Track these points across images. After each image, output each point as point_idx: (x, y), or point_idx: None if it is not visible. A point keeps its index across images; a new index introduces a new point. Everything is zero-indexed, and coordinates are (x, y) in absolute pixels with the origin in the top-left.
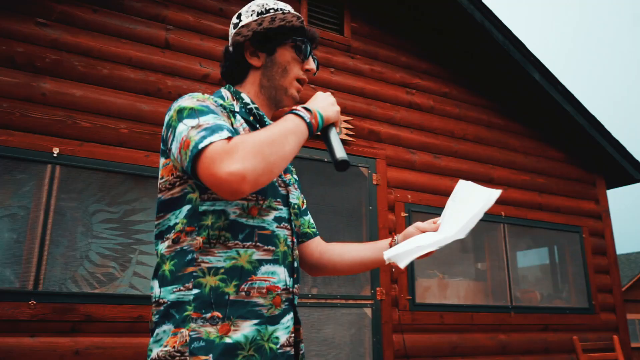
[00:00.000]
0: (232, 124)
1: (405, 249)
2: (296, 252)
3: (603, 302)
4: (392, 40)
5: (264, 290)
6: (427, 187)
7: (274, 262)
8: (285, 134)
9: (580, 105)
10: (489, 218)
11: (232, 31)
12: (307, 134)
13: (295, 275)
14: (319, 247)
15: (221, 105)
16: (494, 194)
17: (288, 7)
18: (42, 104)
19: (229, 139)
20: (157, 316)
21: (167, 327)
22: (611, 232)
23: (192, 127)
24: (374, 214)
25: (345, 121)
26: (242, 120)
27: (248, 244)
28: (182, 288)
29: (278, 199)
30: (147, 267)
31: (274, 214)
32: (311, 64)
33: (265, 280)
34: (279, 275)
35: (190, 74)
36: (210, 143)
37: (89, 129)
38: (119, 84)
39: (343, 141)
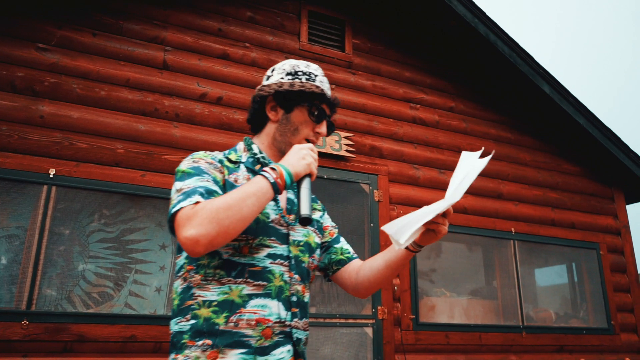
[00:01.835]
0: (223, 177)
1: (404, 222)
2: (297, 287)
3: (623, 322)
4: (395, 56)
5: (253, 322)
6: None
7: (265, 296)
8: (245, 197)
9: (594, 117)
10: (499, 235)
11: (262, 82)
12: (273, 193)
13: (295, 310)
14: (357, 269)
15: (219, 160)
16: (483, 161)
17: (319, 72)
18: (40, 127)
19: (197, 204)
20: (170, 346)
21: (172, 355)
22: (631, 249)
23: (176, 190)
24: (376, 231)
25: (346, 137)
26: (244, 170)
27: (240, 280)
28: (183, 320)
29: (273, 238)
30: (143, 286)
31: (266, 251)
32: (322, 128)
33: (255, 313)
34: (271, 308)
35: (188, 93)
36: (180, 208)
37: (86, 150)
38: (116, 105)
39: (343, 157)
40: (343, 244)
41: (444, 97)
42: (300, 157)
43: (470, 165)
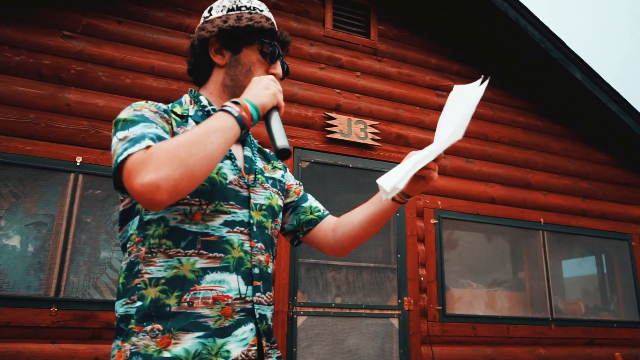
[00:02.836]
0: (172, 129)
1: (400, 169)
2: (260, 257)
3: None
4: (421, 42)
5: (210, 301)
6: (458, 193)
7: (223, 269)
8: (208, 132)
9: (627, 104)
10: (527, 225)
11: (199, 24)
12: (239, 129)
13: (257, 283)
14: (332, 226)
15: (164, 110)
16: (482, 86)
17: (263, 7)
18: (66, 114)
19: (148, 148)
20: (115, 331)
21: (117, 341)
22: None
23: (119, 140)
24: (402, 220)
25: (371, 125)
26: (194, 124)
27: (191, 251)
28: (128, 301)
29: (231, 202)
30: None
31: (222, 218)
32: (277, 69)
33: (211, 290)
34: (230, 283)
35: None
36: (129, 155)
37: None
38: (141, 93)
39: (368, 146)
40: (312, 201)
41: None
42: (264, 87)
43: (464, 101)
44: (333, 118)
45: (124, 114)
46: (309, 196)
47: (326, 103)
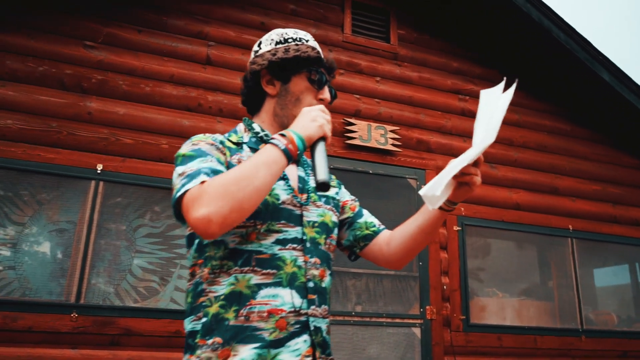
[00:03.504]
0: (226, 159)
1: (440, 177)
2: (314, 271)
3: None
4: (442, 46)
5: (265, 314)
6: (482, 199)
7: (276, 284)
8: (256, 167)
9: None
10: (555, 232)
11: (250, 58)
12: (285, 161)
13: (312, 296)
14: (386, 239)
15: (220, 141)
16: (512, 88)
17: (308, 37)
18: (87, 123)
19: (203, 183)
20: (184, 348)
21: (186, 356)
22: None
23: (179, 175)
24: None
25: (391, 131)
26: (248, 151)
27: (246, 268)
28: (195, 318)
29: (283, 221)
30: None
31: (275, 236)
32: (325, 94)
33: (266, 304)
34: (283, 297)
35: (231, 88)
36: (186, 191)
37: (131, 145)
38: (160, 101)
39: (389, 152)
40: (367, 217)
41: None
42: (311, 119)
43: (494, 104)
44: (353, 124)
45: (183, 150)
46: (365, 211)
47: (345, 109)
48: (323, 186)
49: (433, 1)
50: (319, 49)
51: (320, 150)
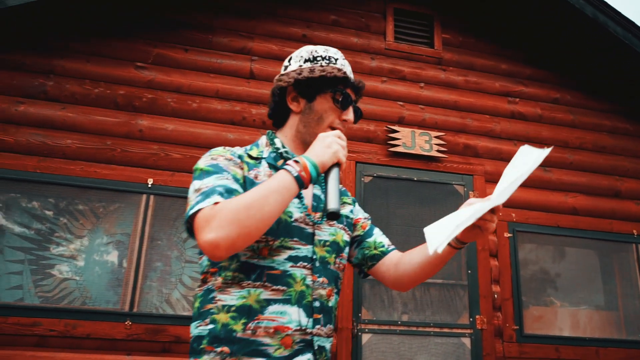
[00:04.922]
0: (243, 174)
1: (443, 223)
2: (321, 291)
3: None
4: (489, 48)
5: (271, 330)
6: (535, 204)
7: (285, 301)
8: (267, 194)
9: None
10: (617, 237)
11: (280, 73)
12: (297, 187)
13: (318, 316)
14: (395, 261)
15: (239, 156)
16: (542, 153)
17: (338, 55)
18: (139, 139)
19: (216, 204)
20: (189, 351)
21: (191, 359)
22: None
23: (195, 190)
24: None
25: (436, 137)
26: (266, 166)
27: (258, 283)
28: (202, 323)
29: (295, 239)
30: None
31: (287, 253)
32: (349, 115)
33: (273, 320)
34: (291, 315)
35: None
36: (199, 210)
37: (180, 160)
38: (206, 116)
39: (434, 158)
40: (377, 236)
41: (546, 88)
42: (326, 146)
43: (525, 163)
44: (396, 131)
45: (201, 163)
46: (375, 230)
47: (388, 116)
48: (333, 215)
49: (477, 3)
50: (347, 69)
51: (333, 178)
